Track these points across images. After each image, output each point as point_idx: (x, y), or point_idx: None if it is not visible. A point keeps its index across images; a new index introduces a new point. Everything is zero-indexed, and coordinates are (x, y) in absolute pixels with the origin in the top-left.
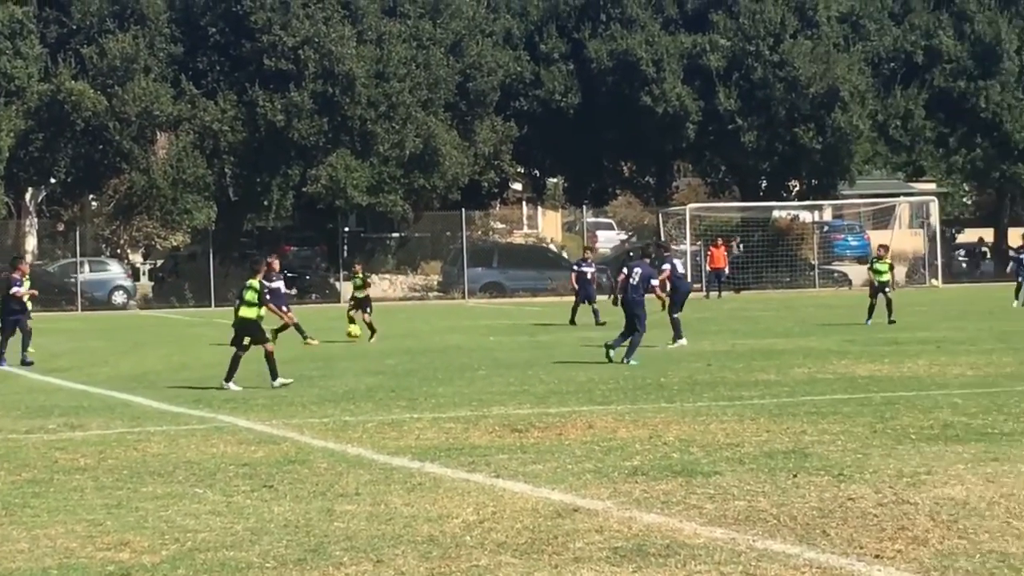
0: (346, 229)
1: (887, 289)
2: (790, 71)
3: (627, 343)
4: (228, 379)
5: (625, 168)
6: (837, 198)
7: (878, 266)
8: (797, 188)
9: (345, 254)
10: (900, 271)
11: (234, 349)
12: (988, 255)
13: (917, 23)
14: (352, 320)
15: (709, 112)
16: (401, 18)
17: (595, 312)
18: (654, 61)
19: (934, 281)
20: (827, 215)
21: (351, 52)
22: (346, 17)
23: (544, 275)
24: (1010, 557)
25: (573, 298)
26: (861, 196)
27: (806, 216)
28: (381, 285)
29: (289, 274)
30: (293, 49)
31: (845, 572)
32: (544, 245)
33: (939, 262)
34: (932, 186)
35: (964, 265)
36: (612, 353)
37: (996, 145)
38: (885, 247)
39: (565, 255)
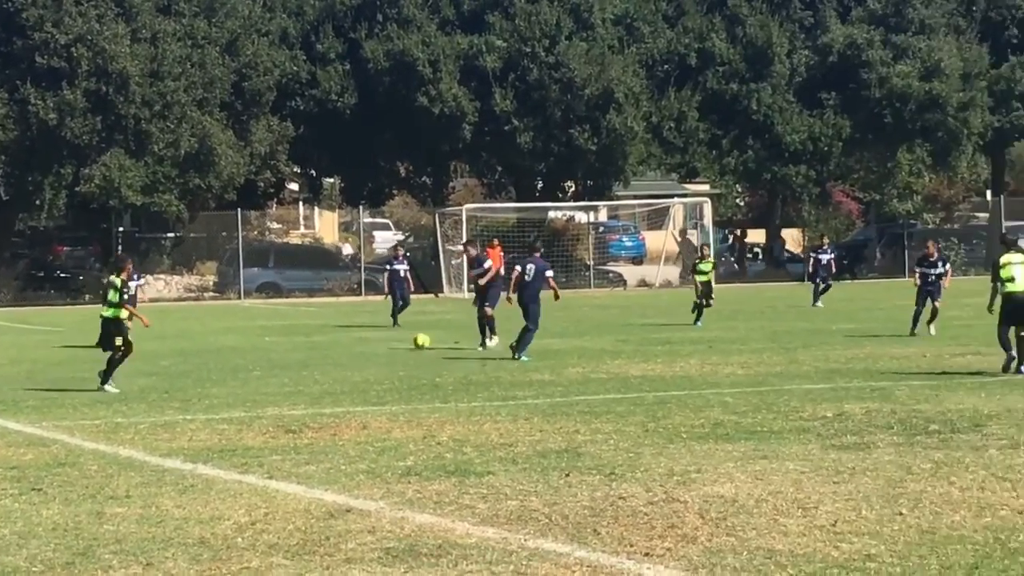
0: (120, 229)
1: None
2: (565, 72)
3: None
4: (104, 382)
5: (402, 168)
6: (612, 199)
7: (701, 266)
8: (573, 189)
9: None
10: (674, 271)
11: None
12: (760, 256)
13: (691, 26)
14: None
15: (485, 113)
16: (176, 16)
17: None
18: (431, 62)
19: None
20: (602, 216)
21: (125, 50)
22: (120, 15)
23: (320, 275)
24: (776, 554)
25: (382, 298)
26: (636, 197)
27: (581, 217)
28: (156, 285)
29: (62, 274)
30: (66, 47)
31: (615, 570)
32: (339, 245)
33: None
34: (706, 187)
35: (736, 265)
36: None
37: (767, 147)
38: (707, 246)
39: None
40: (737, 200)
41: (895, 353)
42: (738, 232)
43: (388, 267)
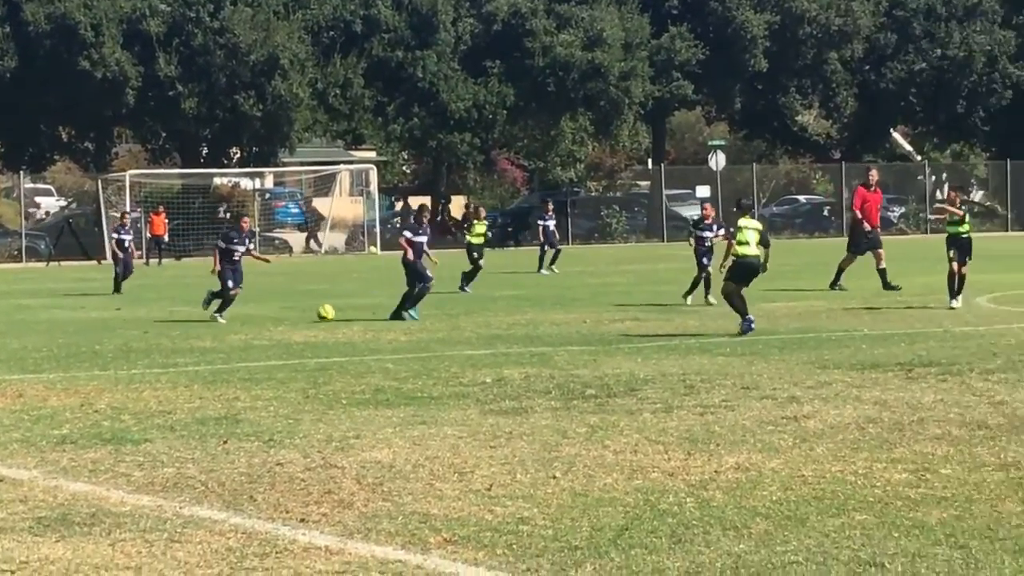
0: None
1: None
2: (230, 38)
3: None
4: None
5: (64, 133)
6: (278, 166)
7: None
8: (238, 155)
9: None
10: (340, 238)
11: None
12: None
13: None
14: None
15: (149, 78)
16: None
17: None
18: (92, 25)
19: (373, 248)
20: (268, 182)
21: None
22: None
23: None
24: (431, 518)
25: (43, 265)
26: (302, 164)
27: (247, 183)
28: None
29: None
30: None
31: (270, 536)
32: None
33: (378, 229)
34: (372, 154)
35: None
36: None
37: (433, 114)
38: (483, 208)
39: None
40: (403, 167)
41: (556, 319)
42: (405, 199)
43: (115, 235)
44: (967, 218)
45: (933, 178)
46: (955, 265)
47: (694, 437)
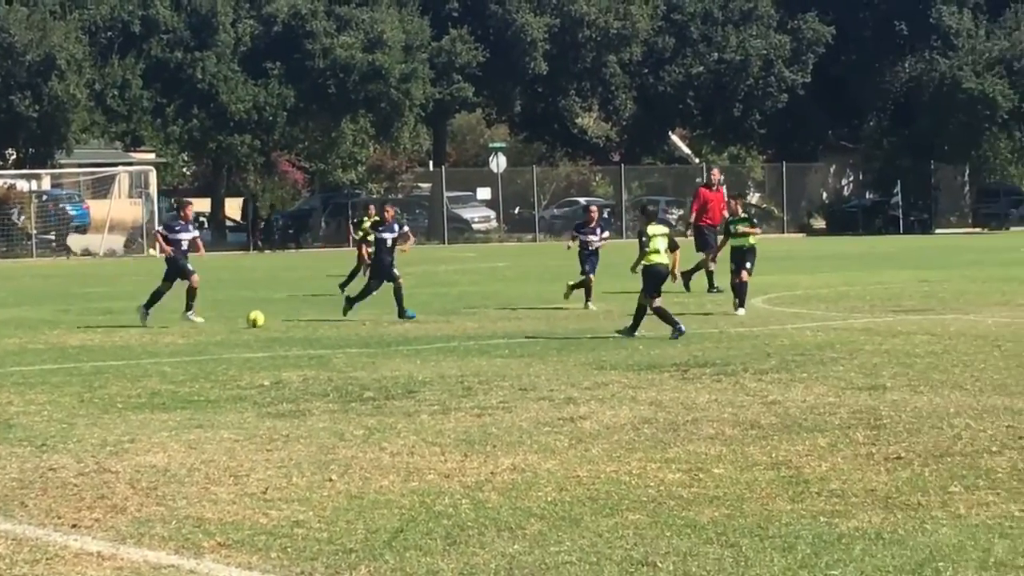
0: None
1: None
2: (5, 38)
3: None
4: None
5: None
6: (55, 167)
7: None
8: (14, 156)
9: None
10: (119, 240)
11: None
12: (206, 224)
13: None
14: None
15: None
16: None
17: None
18: None
19: (151, 251)
20: (45, 184)
21: None
22: None
23: None
24: (205, 522)
25: None
26: (80, 165)
27: (23, 185)
28: None
29: None
30: None
31: (41, 543)
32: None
33: (157, 231)
34: (151, 156)
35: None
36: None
37: (213, 116)
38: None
39: None
40: (183, 169)
41: (335, 321)
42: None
43: None
44: (749, 226)
45: None
46: (743, 274)
47: (471, 439)
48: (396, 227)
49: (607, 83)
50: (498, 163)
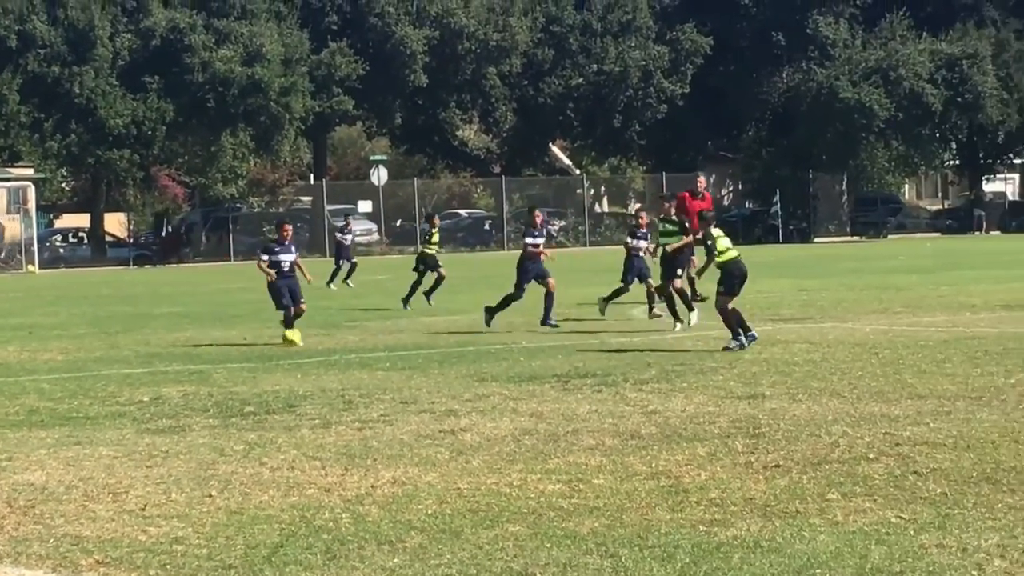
0: None
1: None
2: None
3: None
4: None
5: None
6: None
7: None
8: None
9: None
10: None
11: None
12: (85, 240)
13: (11, 7)
14: None
15: None
16: None
17: None
18: None
19: (31, 267)
20: None
21: None
22: None
23: None
24: (84, 540)
25: None
26: None
27: None
28: None
29: None
30: None
31: None
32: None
33: (36, 247)
34: (29, 171)
35: (62, 250)
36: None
37: (91, 130)
38: None
39: None
40: (62, 184)
41: (216, 336)
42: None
43: None
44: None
45: (592, 191)
46: (677, 282)
47: (352, 452)
48: (294, 248)
49: (487, 95)
50: (379, 176)
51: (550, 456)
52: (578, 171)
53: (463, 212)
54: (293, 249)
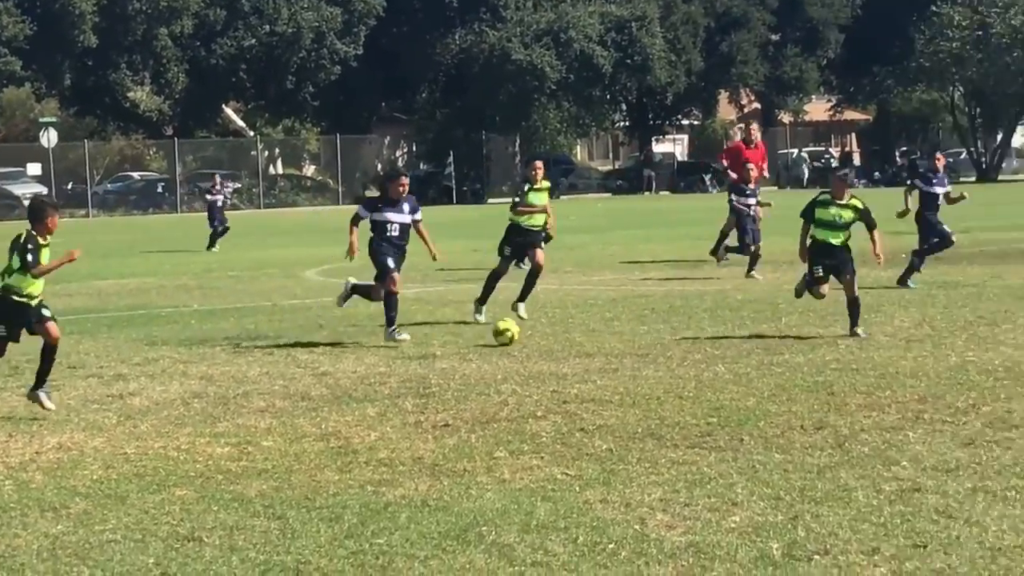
0: None
1: None
2: None
3: None
4: None
5: None
6: None
7: None
8: None
9: None
10: None
11: None
12: None
13: None
14: None
15: None
16: None
17: None
18: None
19: None
20: None
21: None
22: None
23: None
24: None
25: None
26: None
27: None
28: None
29: None
30: None
31: None
32: None
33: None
34: None
35: None
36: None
37: None
38: None
39: None
40: None
41: None
42: None
43: None
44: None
45: (266, 153)
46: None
47: (16, 418)
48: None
49: (158, 56)
50: (49, 138)
51: (219, 419)
52: (252, 133)
53: (135, 175)
54: None
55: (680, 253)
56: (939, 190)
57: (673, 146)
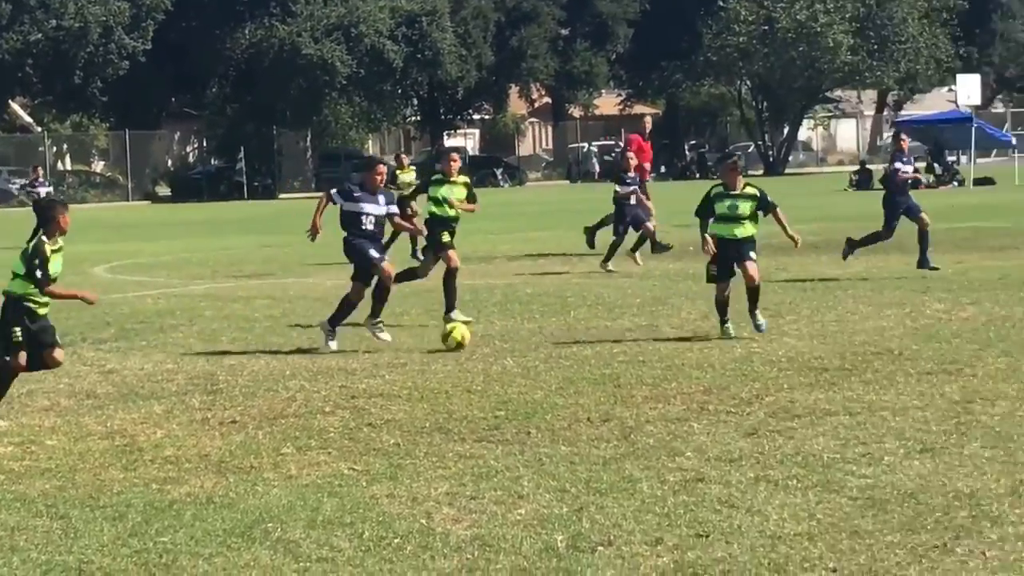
0: None
1: None
2: None
3: None
4: None
5: None
6: None
7: None
8: None
9: None
10: None
11: None
12: None
13: None
14: None
15: None
16: None
17: None
18: None
19: None
20: None
21: None
22: None
23: None
24: None
25: None
26: None
27: None
28: None
29: None
30: None
31: None
32: None
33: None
34: None
35: None
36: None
37: None
38: None
39: None
40: None
41: None
42: None
43: None
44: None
45: (55, 149)
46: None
47: None
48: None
49: None
50: None
51: (2, 418)
52: (39, 128)
53: None
54: None
55: (473, 248)
56: (909, 170)
57: (465, 140)
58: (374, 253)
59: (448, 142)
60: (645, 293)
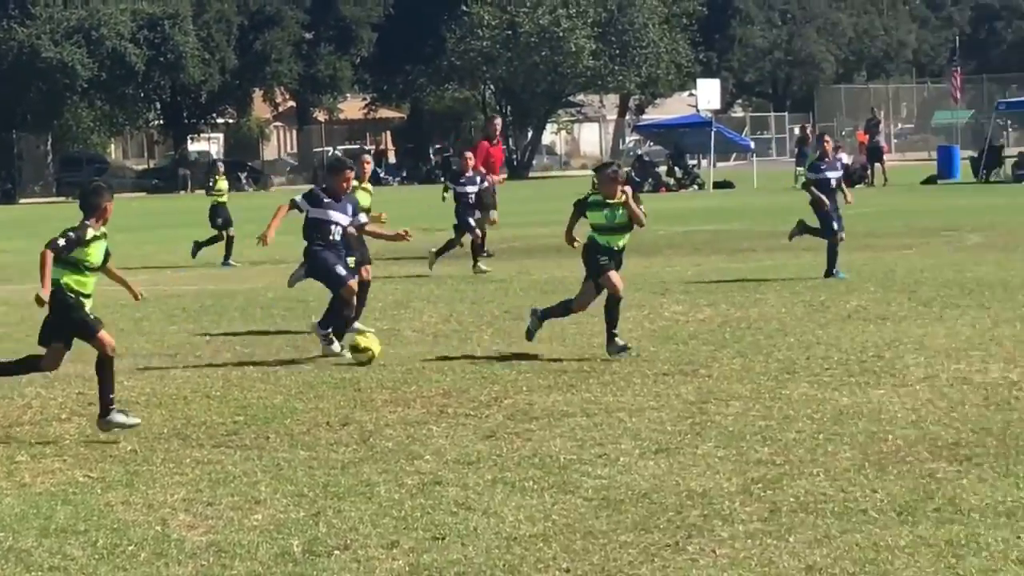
0: None
1: None
2: None
3: None
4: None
5: None
6: None
7: None
8: None
9: None
10: None
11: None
12: None
13: None
14: None
15: None
16: None
17: None
18: None
19: None
20: None
21: None
22: None
23: None
24: None
25: None
26: None
27: None
28: None
29: None
30: None
31: None
32: None
33: None
34: None
35: None
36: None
37: None
38: None
39: None
40: None
41: None
42: None
43: None
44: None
45: None
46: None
47: None
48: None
49: None
50: None
51: None
52: None
53: None
54: None
55: (219, 252)
56: (831, 175)
57: (209, 144)
58: (340, 271)
59: (192, 147)
60: (387, 297)
